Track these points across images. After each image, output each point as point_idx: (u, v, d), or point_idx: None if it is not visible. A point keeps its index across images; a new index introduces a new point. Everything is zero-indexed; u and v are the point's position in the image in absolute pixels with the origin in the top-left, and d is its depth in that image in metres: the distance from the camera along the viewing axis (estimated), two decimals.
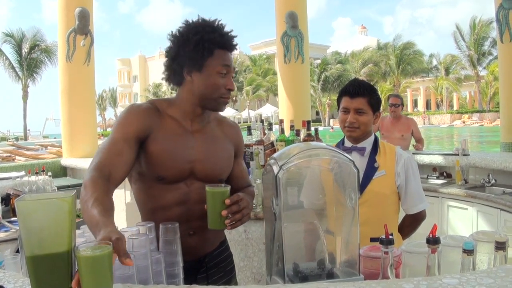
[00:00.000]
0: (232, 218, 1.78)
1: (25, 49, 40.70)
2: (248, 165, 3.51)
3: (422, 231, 2.62)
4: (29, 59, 40.83)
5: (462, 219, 4.78)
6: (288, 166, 1.45)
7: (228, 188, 1.83)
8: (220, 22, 1.96)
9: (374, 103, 2.51)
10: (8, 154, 10.49)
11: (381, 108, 2.69)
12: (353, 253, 1.57)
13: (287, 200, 1.48)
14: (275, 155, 1.59)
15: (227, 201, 1.77)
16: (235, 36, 1.99)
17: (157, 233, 1.79)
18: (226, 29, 1.97)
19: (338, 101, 2.61)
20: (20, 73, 41.14)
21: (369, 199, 2.43)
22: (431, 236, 1.43)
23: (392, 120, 6.59)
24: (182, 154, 1.94)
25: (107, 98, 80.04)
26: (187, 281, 1.87)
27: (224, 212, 1.76)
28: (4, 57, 40.73)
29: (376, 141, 2.60)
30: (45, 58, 40.48)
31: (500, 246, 1.49)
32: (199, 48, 1.87)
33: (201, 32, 1.88)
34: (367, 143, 2.58)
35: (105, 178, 1.73)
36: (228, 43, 1.97)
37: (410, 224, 2.66)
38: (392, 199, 2.55)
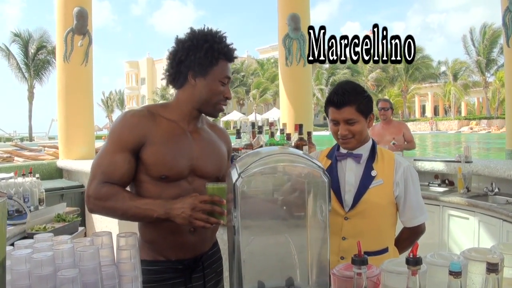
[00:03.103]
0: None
1: (31, 50, 40.86)
2: None
3: (422, 240, 2.45)
4: (36, 60, 40.97)
5: (463, 229, 4.60)
6: (247, 174, 1.28)
7: (226, 184, 1.82)
8: (223, 34, 2.09)
9: (364, 108, 2.27)
10: (8, 155, 10.40)
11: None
12: (325, 272, 1.39)
13: (246, 212, 1.30)
14: (237, 159, 1.43)
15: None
16: (235, 49, 2.12)
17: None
18: (228, 41, 2.09)
19: (326, 110, 2.37)
20: (26, 74, 41.30)
21: (364, 210, 2.24)
22: (411, 256, 1.25)
23: (383, 124, 6.53)
24: (182, 152, 2.03)
25: (115, 100, 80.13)
26: (182, 279, 2.04)
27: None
28: (12, 58, 40.93)
29: (373, 147, 2.38)
30: (52, 60, 40.51)
31: (492, 268, 1.25)
32: (208, 55, 2.00)
33: (211, 41, 2.01)
34: (364, 150, 2.35)
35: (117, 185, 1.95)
36: (231, 55, 2.10)
37: (408, 237, 2.44)
38: (389, 211, 2.33)
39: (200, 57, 1.99)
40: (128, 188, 2.05)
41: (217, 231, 2.30)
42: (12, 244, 1.60)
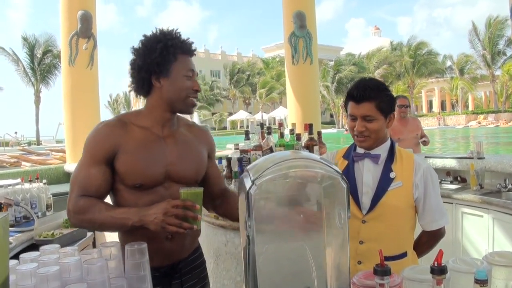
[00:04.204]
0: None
1: (37, 54, 41.05)
2: None
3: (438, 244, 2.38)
4: (42, 65, 41.16)
5: (477, 227, 4.51)
6: (261, 181, 1.21)
7: (201, 189, 1.93)
8: (177, 31, 2.09)
9: (385, 106, 2.17)
10: (16, 160, 10.39)
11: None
12: (345, 281, 1.32)
13: (261, 220, 1.24)
14: (249, 166, 1.36)
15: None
16: (192, 42, 2.13)
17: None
18: (183, 37, 2.10)
19: (345, 105, 2.28)
20: (32, 79, 41.52)
21: (382, 213, 2.16)
22: (436, 265, 1.18)
23: (401, 121, 6.39)
24: (155, 159, 2.03)
25: (121, 102, 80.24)
26: (160, 287, 1.99)
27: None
28: (19, 63, 41.18)
29: (392, 147, 2.28)
30: (58, 63, 40.65)
31: None
32: (164, 54, 2.00)
33: (164, 40, 2.01)
34: (382, 150, 2.26)
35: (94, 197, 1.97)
36: (188, 48, 2.10)
37: (427, 241, 2.36)
38: (408, 214, 2.25)
39: (156, 57, 1.99)
40: (108, 198, 2.08)
41: (199, 236, 2.31)
42: (19, 253, 1.54)
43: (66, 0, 7.74)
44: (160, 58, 2.00)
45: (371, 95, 2.15)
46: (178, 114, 2.19)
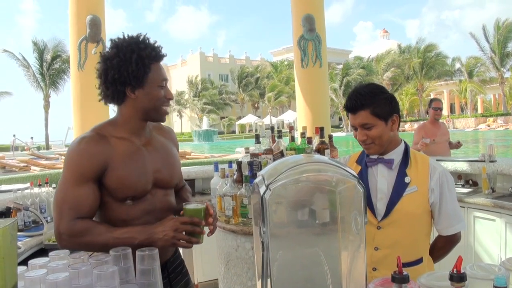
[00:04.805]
0: (212, 229, 2.12)
1: (47, 59, 41.31)
2: (255, 177, 3.26)
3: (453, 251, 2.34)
4: (51, 70, 41.42)
5: (490, 232, 4.44)
6: (276, 186, 1.18)
7: (204, 206, 2.02)
8: (145, 36, 2.05)
9: (381, 111, 2.12)
10: (25, 164, 10.42)
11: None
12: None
13: (276, 226, 1.21)
14: (263, 171, 1.32)
15: (210, 216, 2.07)
16: (161, 47, 2.09)
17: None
18: (151, 41, 2.06)
19: (347, 115, 2.26)
20: (41, 83, 41.79)
21: (398, 219, 2.12)
22: (455, 272, 1.14)
23: (436, 124, 6.50)
24: (142, 170, 2.03)
25: None
26: None
27: (208, 227, 2.09)
28: (29, 68, 41.47)
29: (406, 151, 2.24)
30: (67, 68, 40.86)
31: None
32: (139, 65, 1.96)
33: (137, 50, 1.97)
34: (395, 154, 2.22)
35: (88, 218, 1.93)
36: (160, 55, 2.07)
37: (443, 246, 2.31)
38: (424, 219, 2.21)
39: (133, 70, 1.96)
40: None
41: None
42: (28, 258, 1.52)
43: (75, 5, 7.74)
44: (136, 71, 1.96)
45: (363, 103, 2.11)
46: None
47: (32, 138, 35.72)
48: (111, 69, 1.98)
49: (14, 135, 30.58)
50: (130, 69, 1.95)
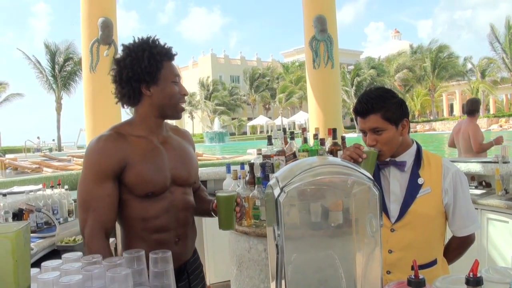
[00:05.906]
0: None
1: (59, 61, 41.63)
2: (267, 178, 3.25)
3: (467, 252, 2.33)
4: (63, 72, 41.74)
5: (503, 234, 4.40)
6: (291, 188, 1.16)
7: (235, 193, 2.12)
8: (155, 38, 2.11)
9: (392, 115, 2.09)
10: (37, 166, 10.47)
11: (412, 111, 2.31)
12: None
13: (290, 229, 1.19)
14: (277, 173, 1.31)
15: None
16: (172, 47, 2.14)
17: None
18: (161, 42, 2.12)
19: (356, 119, 2.23)
20: (54, 86, 42.11)
21: (411, 222, 2.10)
22: (471, 275, 1.13)
23: (475, 123, 6.75)
24: (161, 167, 2.08)
25: None
26: None
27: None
28: (42, 70, 41.84)
29: (418, 152, 2.21)
30: (79, 70, 41.18)
31: None
32: (151, 62, 2.02)
33: (148, 48, 2.04)
34: (407, 156, 2.19)
35: (106, 233, 1.99)
36: (171, 53, 2.12)
37: (457, 247, 2.29)
38: (438, 221, 2.18)
39: (146, 66, 2.01)
40: None
41: (196, 239, 2.37)
42: (41, 259, 1.51)
43: (87, 7, 7.78)
44: (149, 67, 2.02)
45: (375, 107, 2.09)
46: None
47: (38, 138, 35.80)
48: (124, 69, 2.04)
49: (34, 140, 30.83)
50: (143, 65, 2.01)
